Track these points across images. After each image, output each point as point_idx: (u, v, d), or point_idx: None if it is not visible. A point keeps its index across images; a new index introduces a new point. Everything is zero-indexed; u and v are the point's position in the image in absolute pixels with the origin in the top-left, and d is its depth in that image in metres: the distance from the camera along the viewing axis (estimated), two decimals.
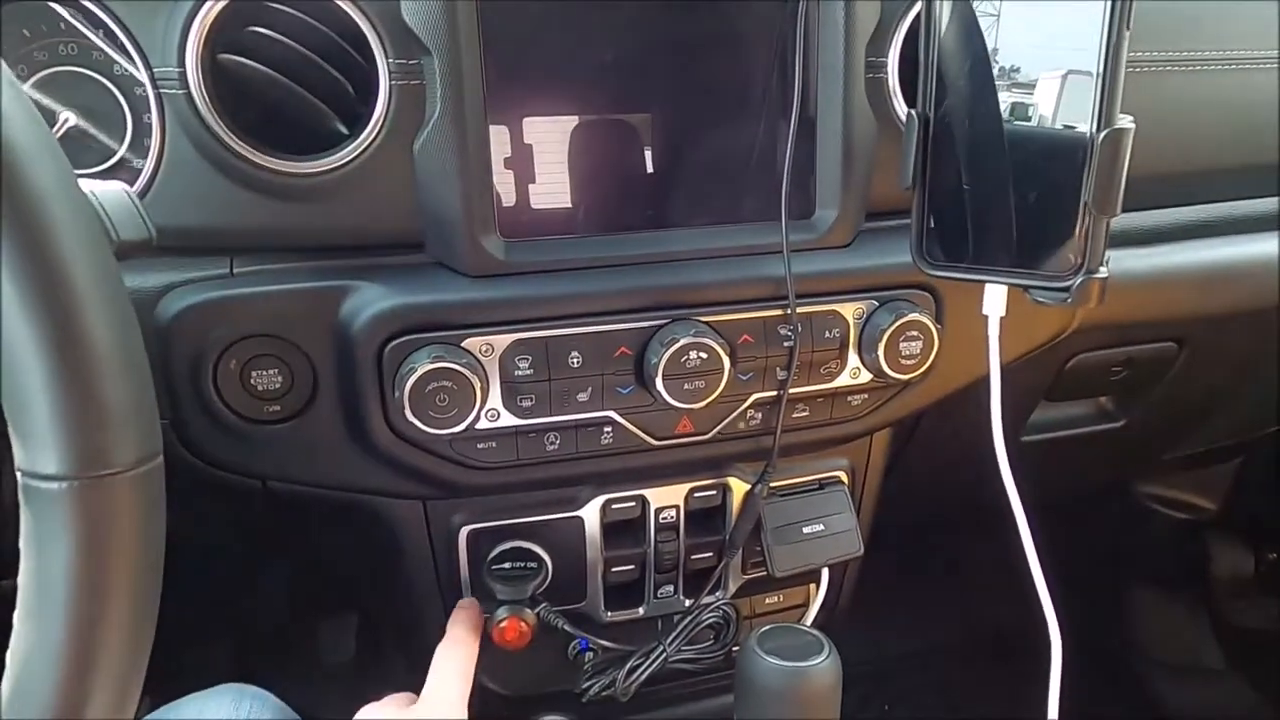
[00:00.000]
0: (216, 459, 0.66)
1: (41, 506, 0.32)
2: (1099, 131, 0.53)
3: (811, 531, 0.77)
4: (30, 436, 0.32)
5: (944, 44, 0.58)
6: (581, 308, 0.65)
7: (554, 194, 0.67)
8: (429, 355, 0.61)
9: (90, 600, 0.32)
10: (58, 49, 0.61)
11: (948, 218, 0.61)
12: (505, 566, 0.72)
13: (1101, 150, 0.53)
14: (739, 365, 0.67)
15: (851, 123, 0.68)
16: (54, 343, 0.31)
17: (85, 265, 0.33)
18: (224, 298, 0.62)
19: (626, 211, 0.69)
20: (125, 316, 0.35)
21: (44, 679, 0.32)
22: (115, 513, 0.32)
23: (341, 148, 0.62)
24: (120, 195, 0.46)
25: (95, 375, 0.32)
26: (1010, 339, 0.65)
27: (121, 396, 0.33)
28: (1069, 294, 0.56)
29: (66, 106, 0.62)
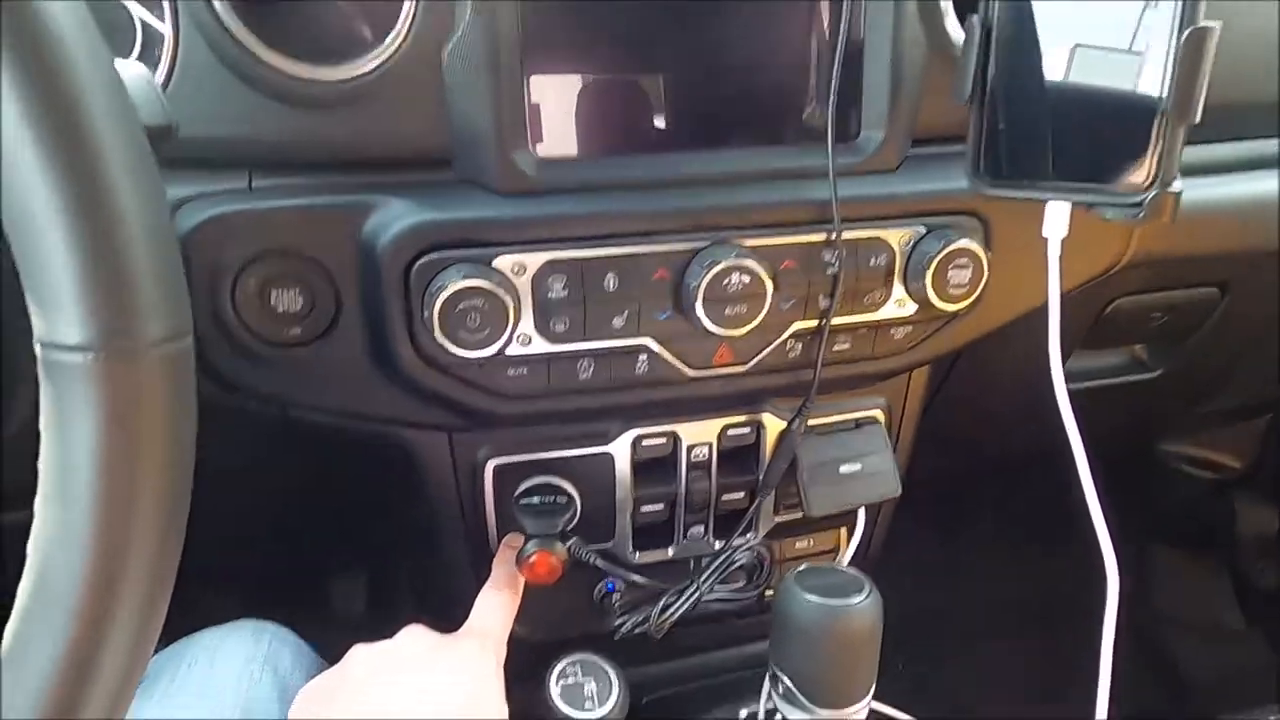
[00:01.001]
0: (234, 383, 0.63)
1: (63, 380, 0.29)
2: (1181, 31, 0.49)
3: (849, 471, 0.75)
4: (50, 304, 0.29)
5: None
6: (619, 227, 0.62)
7: (594, 111, 0.64)
8: (460, 273, 0.57)
9: (119, 482, 0.29)
10: None
11: (1008, 133, 0.58)
12: (535, 501, 0.69)
13: (1184, 51, 0.49)
14: (781, 291, 0.64)
15: (901, 42, 0.65)
16: (79, 199, 0.28)
17: (113, 122, 0.30)
18: (242, 211, 0.59)
19: (665, 132, 0.65)
20: (154, 184, 0.32)
21: (68, 569, 0.30)
22: (144, 389, 0.30)
23: (366, 54, 0.58)
24: (142, 78, 0.43)
25: (122, 238, 0.29)
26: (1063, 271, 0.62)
27: (149, 265, 0.30)
28: (1141, 209, 0.53)
29: None
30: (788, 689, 0.61)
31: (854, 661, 0.61)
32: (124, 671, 0.33)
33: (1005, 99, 0.57)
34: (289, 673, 0.63)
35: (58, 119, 0.28)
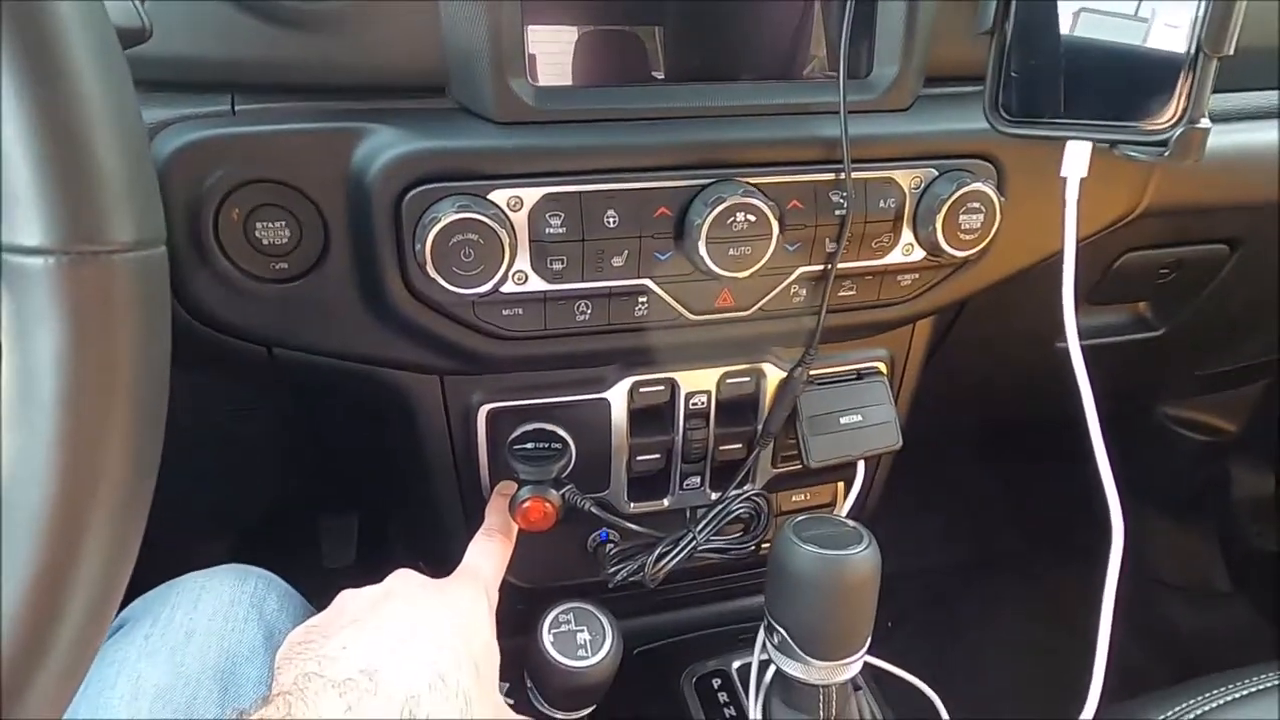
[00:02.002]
0: (218, 320, 0.60)
1: (24, 287, 0.27)
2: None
3: (849, 422, 0.73)
4: (9, 201, 0.26)
5: None
6: (620, 161, 0.59)
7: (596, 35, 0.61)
8: (453, 205, 0.55)
9: (86, 399, 0.27)
10: None
11: (1029, 68, 0.56)
12: (528, 447, 0.67)
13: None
14: (786, 233, 0.62)
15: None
16: (38, 85, 0.26)
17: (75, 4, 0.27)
18: (224, 135, 0.56)
19: (672, 64, 0.62)
20: (122, 77, 0.30)
21: (34, 493, 0.28)
22: (112, 297, 0.27)
23: None
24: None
25: (87, 129, 0.27)
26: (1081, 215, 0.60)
27: (117, 162, 0.28)
28: (1167, 147, 0.51)
29: None
30: (783, 640, 0.60)
31: (851, 614, 0.60)
32: (95, 604, 0.31)
33: (1027, 32, 0.55)
34: (275, 616, 0.61)
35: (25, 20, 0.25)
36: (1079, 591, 0.69)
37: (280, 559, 0.72)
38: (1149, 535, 1.44)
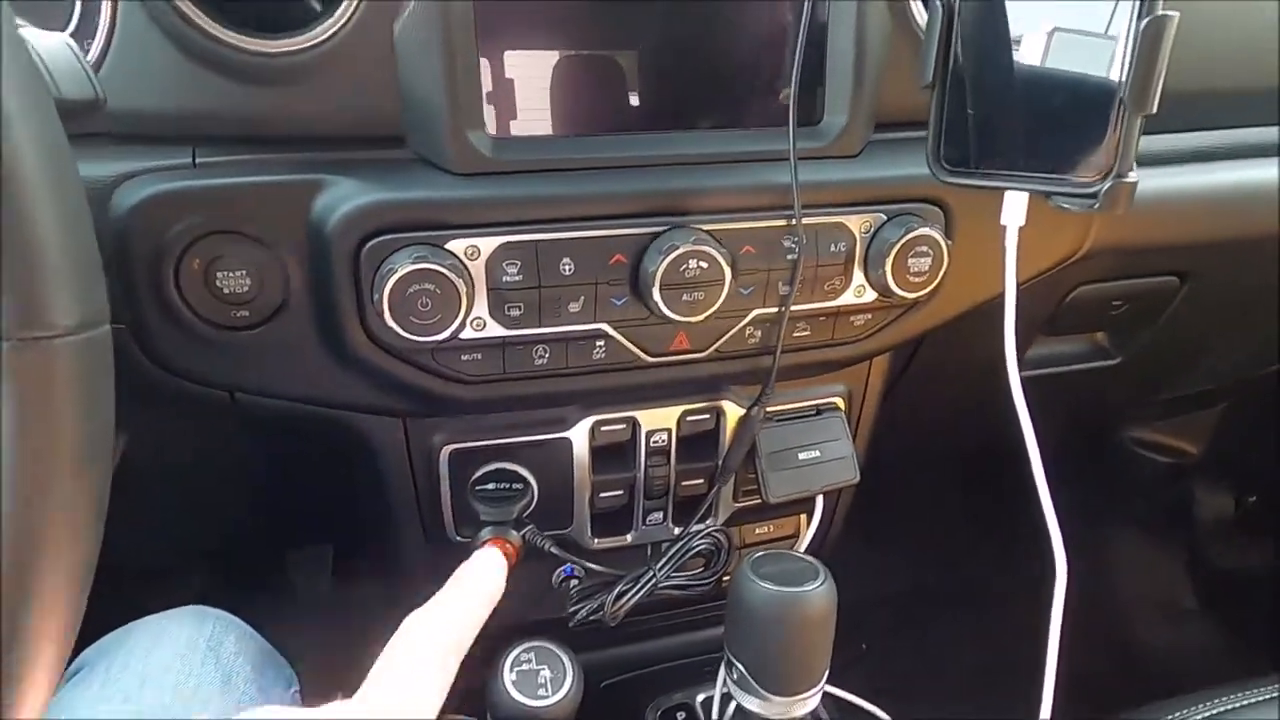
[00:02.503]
0: (180, 368, 0.61)
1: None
2: (1140, 19, 0.49)
3: (807, 458, 0.75)
4: None
5: None
6: (575, 210, 0.60)
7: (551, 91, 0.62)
8: (410, 256, 0.56)
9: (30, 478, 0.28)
10: None
11: (969, 120, 0.57)
12: (489, 487, 0.68)
13: (1142, 39, 0.49)
14: (740, 278, 0.64)
15: (865, 25, 0.64)
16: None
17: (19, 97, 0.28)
18: (185, 188, 0.57)
19: (625, 113, 0.64)
20: (64, 166, 0.31)
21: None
22: (54, 379, 0.28)
23: (316, 24, 0.56)
24: (62, 48, 0.41)
25: (28, 221, 0.28)
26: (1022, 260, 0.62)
27: (59, 249, 0.29)
28: (1096, 199, 0.53)
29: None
30: (742, 675, 0.61)
31: (807, 649, 0.61)
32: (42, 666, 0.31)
33: (966, 86, 0.57)
34: (232, 659, 0.62)
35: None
36: (1044, 617, 0.71)
37: (253, 592, 0.72)
38: (1117, 554, 1.46)
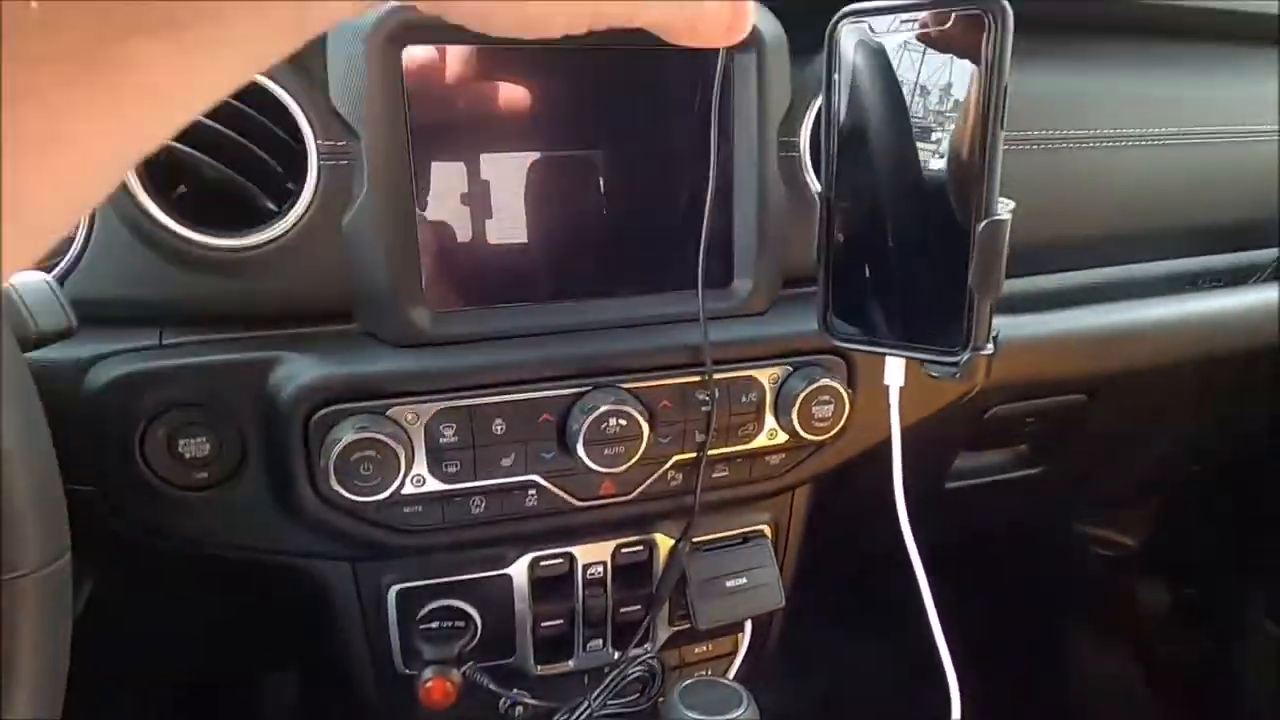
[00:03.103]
0: (143, 524, 0.67)
1: None
2: (979, 221, 0.57)
3: (735, 585, 0.80)
4: None
5: (842, 134, 0.62)
6: (505, 376, 0.67)
7: (480, 265, 0.70)
8: (354, 426, 0.62)
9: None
10: None
11: (850, 293, 0.65)
12: (434, 626, 0.73)
13: (982, 239, 0.57)
14: (658, 430, 0.70)
15: (766, 198, 0.72)
16: None
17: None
18: (153, 369, 0.63)
19: (550, 282, 0.71)
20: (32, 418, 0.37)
21: None
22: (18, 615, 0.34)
23: (271, 224, 0.64)
24: (40, 286, 0.48)
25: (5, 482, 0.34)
26: (915, 403, 0.69)
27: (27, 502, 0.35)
28: (957, 369, 0.60)
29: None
30: None
31: None
32: None
33: (845, 265, 0.64)
34: None
35: None
36: None
37: (223, 711, 0.75)
38: (1064, 645, 1.50)
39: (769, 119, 0.71)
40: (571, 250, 0.72)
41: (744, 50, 0.70)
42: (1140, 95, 0.88)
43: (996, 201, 0.57)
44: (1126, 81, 0.88)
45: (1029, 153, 0.84)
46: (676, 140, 0.72)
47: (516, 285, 0.71)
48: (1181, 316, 0.89)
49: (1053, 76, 0.85)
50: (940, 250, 0.60)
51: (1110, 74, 0.88)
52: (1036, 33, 0.84)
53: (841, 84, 0.61)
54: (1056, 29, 0.86)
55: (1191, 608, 1.39)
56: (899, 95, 0.60)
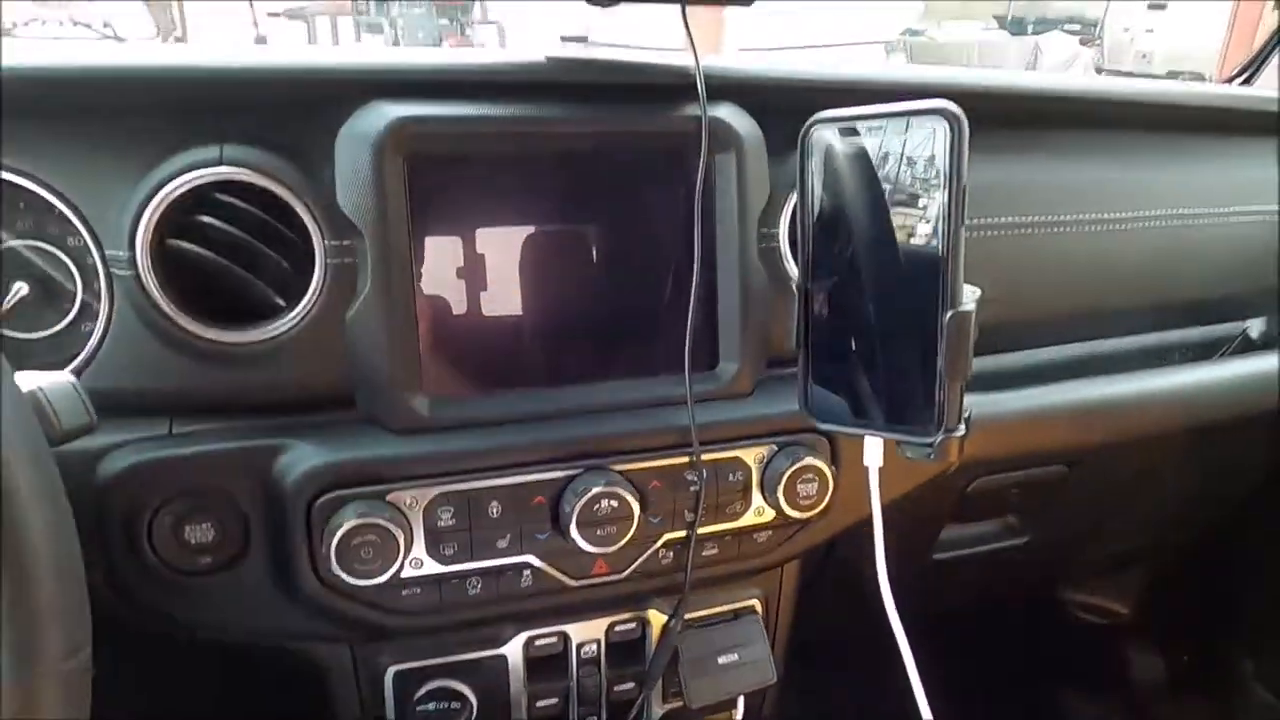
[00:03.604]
0: (146, 609, 0.68)
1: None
2: (945, 312, 0.61)
3: (727, 661, 0.81)
4: None
5: (817, 229, 0.66)
6: (500, 460, 0.70)
7: (477, 353, 0.73)
8: (354, 512, 0.65)
9: None
10: (15, 224, 0.66)
11: (829, 377, 0.68)
12: (430, 707, 0.74)
13: (948, 329, 0.60)
14: (649, 510, 0.73)
15: (748, 286, 0.76)
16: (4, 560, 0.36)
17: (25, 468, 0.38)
18: (162, 458, 0.66)
19: (544, 367, 0.75)
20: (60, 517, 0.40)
21: None
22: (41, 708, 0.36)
23: (278, 318, 0.67)
24: (64, 385, 0.51)
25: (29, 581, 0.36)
26: (895, 480, 0.72)
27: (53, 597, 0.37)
28: (931, 450, 0.63)
29: (20, 277, 0.67)
30: None
31: None
32: None
33: (824, 349, 0.68)
34: None
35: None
36: None
37: None
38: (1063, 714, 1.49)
39: (749, 213, 0.76)
40: (564, 338, 0.76)
41: (724, 150, 0.74)
42: (1100, 181, 0.93)
43: (962, 292, 0.61)
44: (1086, 170, 0.94)
45: (998, 239, 0.88)
46: (663, 232, 0.76)
47: (512, 371, 0.74)
48: (1156, 390, 0.93)
49: (1017, 167, 0.90)
50: (912, 337, 0.64)
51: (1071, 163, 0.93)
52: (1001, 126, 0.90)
53: (814, 183, 0.66)
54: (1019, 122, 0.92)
55: (1183, 673, 1.39)
56: (867, 194, 0.64)
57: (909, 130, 0.61)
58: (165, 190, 0.63)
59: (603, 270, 0.76)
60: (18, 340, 0.67)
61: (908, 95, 0.84)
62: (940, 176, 0.60)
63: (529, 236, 0.73)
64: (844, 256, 0.66)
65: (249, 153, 0.65)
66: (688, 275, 0.76)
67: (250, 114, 0.67)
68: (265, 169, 0.65)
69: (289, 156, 0.67)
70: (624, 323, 0.77)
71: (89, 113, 0.65)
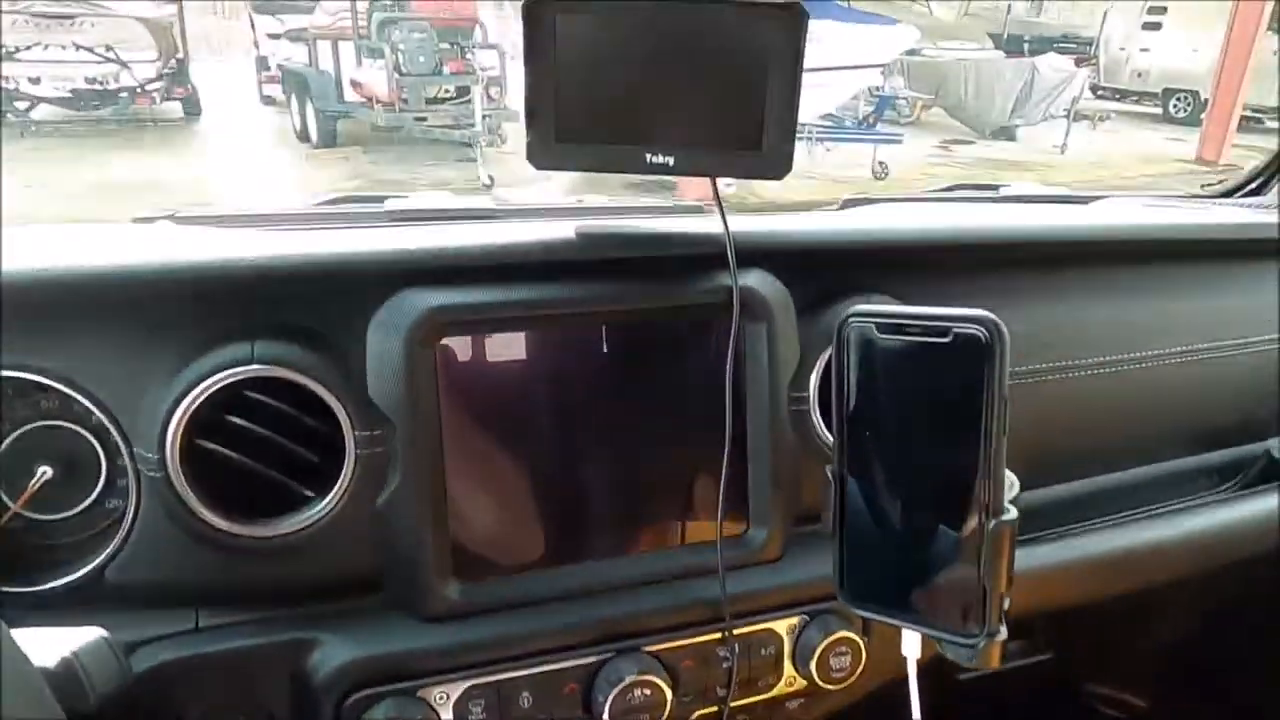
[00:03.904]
0: None
1: None
2: (987, 520, 0.60)
3: None
4: None
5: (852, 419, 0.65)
6: (531, 646, 0.69)
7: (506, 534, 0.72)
8: (384, 713, 0.64)
9: None
10: (39, 404, 0.65)
11: (867, 564, 0.67)
12: None
13: (991, 538, 0.60)
14: (680, 690, 0.72)
15: (779, 453, 0.75)
16: None
17: None
18: (190, 657, 0.65)
19: (573, 544, 0.74)
20: None
21: None
22: None
23: (306, 510, 0.66)
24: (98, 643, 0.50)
25: None
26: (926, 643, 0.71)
27: None
28: (974, 654, 0.62)
29: (44, 459, 0.66)
30: None
31: None
32: None
33: (860, 537, 0.67)
34: None
35: None
36: None
37: None
38: None
39: (779, 380, 0.75)
40: (593, 513, 0.75)
41: (755, 320, 0.74)
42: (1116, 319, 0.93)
43: (1003, 499, 0.61)
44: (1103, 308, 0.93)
45: (1019, 385, 0.88)
46: (691, 401, 0.75)
47: (541, 550, 0.73)
48: (1181, 535, 0.92)
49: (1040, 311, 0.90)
50: (951, 538, 0.63)
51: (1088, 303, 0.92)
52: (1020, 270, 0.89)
53: (851, 376, 0.65)
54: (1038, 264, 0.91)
55: None
56: (905, 391, 0.64)
57: (948, 337, 0.61)
58: (195, 392, 0.62)
59: (631, 443, 0.75)
60: (41, 522, 0.67)
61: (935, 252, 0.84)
62: (979, 385, 0.59)
63: (558, 414, 0.72)
64: (879, 449, 0.66)
65: (281, 349, 0.65)
66: (716, 444, 0.75)
67: (280, 306, 0.66)
68: (298, 365, 0.64)
69: (320, 348, 0.66)
70: (652, 494, 0.76)
71: (114, 311, 0.65)
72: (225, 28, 12.86)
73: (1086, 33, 13.77)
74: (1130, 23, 12.44)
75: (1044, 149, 8.93)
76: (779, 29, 0.64)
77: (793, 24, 0.65)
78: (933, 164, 8.13)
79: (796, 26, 0.65)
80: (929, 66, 10.22)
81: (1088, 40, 13.25)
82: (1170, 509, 0.94)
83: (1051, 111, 9.12)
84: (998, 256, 0.88)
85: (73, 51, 8.04)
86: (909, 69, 9.89)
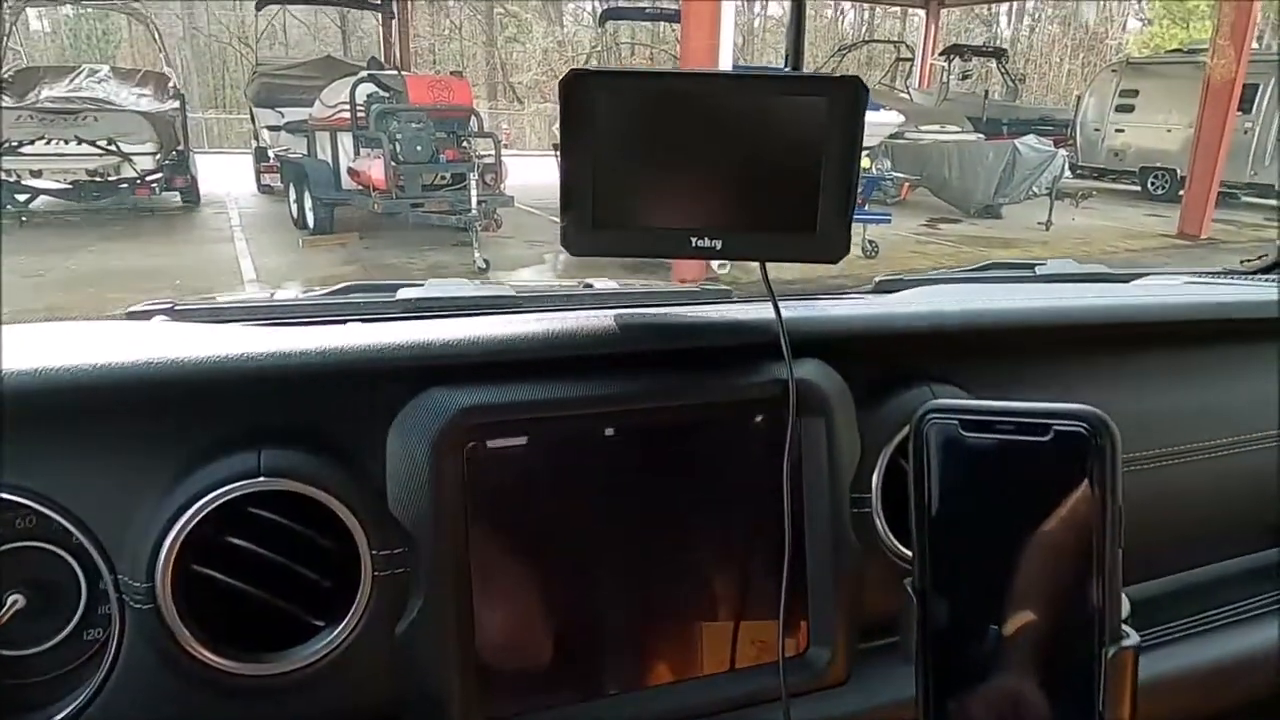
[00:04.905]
0: None
1: None
2: (1104, 647, 0.52)
3: None
4: None
5: (934, 528, 0.58)
6: None
7: (543, 662, 0.64)
8: None
9: None
10: (13, 523, 0.57)
11: (957, 694, 0.59)
12: None
13: (1110, 667, 0.52)
14: None
15: (842, 563, 0.67)
16: None
17: None
18: None
19: (618, 672, 0.65)
20: None
21: None
22: None
23: (315, 642, 0.58)
24: None
25: None
26: None
27: None
28: None
29: (15, 586, 0.57)
30: None
31: None
32: None
33: (949, 662, 0.59)
34: None
35: None
36: None
37: None
38: None
39: (840, 480, 0.68)
40: (638, 637, 0.66)
41: (812, 414, 0.67)
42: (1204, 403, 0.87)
43: (1121, 625, 0.53)
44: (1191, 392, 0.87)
45: (1140, 472, 0.81)
46: (743, 506, 0.68)
47: (584, 679, 0.64)
48: None
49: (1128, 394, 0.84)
50: (1058, 667, 0.55)
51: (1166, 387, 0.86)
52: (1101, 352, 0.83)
53: (931, 477, 0.58)
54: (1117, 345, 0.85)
55: None
56: (996, 498, 0.57)
57: (1047, 436, 0.54)
58: (191, 511, 0.55)
59: (680, 557, 0.67)
60: (10, 659, 0.58)
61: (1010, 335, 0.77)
62: (1088, 494, 0.52)
63: (599, 525, 0.65)
64: (967, 563, 0.58)
65: (289, 457, 0.57)
66: (771, 553, 0.67)
67: (288, 409, 0.59)
68: (308, 476, 0.57)
69: (333, 455, 0.59)
70: (704, 614, 0.68)
71: (99, 417, 0.57)
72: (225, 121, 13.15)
73: (1061, 115, 14.22)
74: (1103, 105, 12.86)
75: (1029, 226, 9.06)
76: (836, 104, 0.60)
77: (851, 98, 0.60)
78: (922, 242, 8.22)
79: (855, 100, 0.60)
80: (913, 149, 10.47)
81: (1063, 123, 13.66)
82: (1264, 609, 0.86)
83: (1034, 190, 9.29)
84: (1073, 338, 0.82)
85: (75, 145, 8.14)
86: (893, 151, 10.12)
